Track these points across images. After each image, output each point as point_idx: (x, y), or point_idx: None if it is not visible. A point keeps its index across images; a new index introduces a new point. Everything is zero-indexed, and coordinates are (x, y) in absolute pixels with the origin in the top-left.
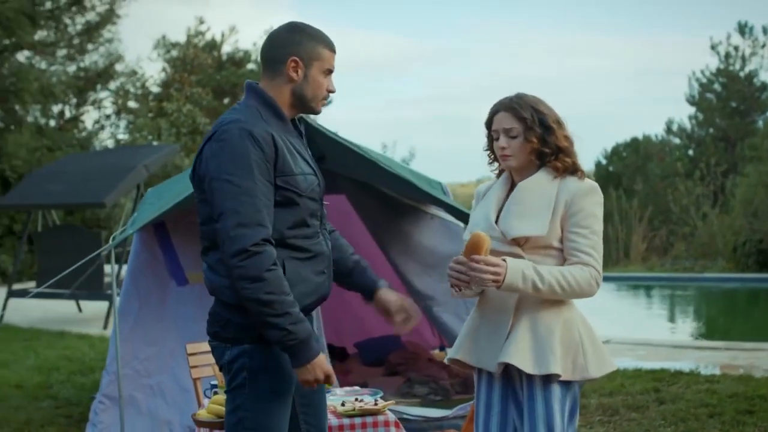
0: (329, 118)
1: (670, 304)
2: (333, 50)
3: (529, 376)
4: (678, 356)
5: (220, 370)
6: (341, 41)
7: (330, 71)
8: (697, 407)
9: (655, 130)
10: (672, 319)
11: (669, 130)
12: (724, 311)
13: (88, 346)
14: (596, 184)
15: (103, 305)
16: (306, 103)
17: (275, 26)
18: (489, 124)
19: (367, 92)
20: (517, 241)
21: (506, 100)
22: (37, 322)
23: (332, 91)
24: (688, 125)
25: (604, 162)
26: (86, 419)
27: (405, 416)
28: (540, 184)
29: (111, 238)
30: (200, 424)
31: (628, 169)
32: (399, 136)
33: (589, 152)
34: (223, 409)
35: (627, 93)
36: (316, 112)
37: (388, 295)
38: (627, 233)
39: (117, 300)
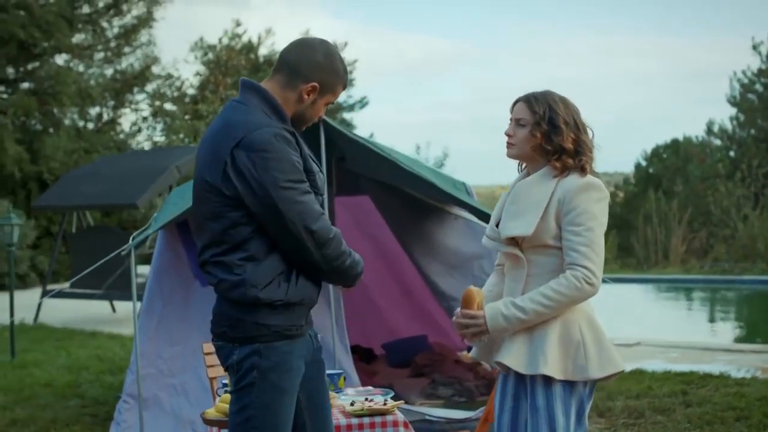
0: (367, 120)
1: (706, 307)
2: (345, 87)
3: (533, 376)
4: (709, 359)
5: (226, 370)
6: (380, 43)
7: (332, 103)
8: (724, 410)
9: (696, 131)
10: (708, 321)
11: (710, 131)
12: (763, 314)
13: (119, 346)
14: (596, 181)
15: None
16: (300, 123)
17: (312, 30)
18: (511, 112)
19: (406, 94)
20: (515, 241)
21: (530, 93)
22: (71, 322)
23: (321, 117)
24: (729, 126)
25: (644, 164)
26: (111, 418)
27: (427, 417)
28: (536, 183)
29: (131, 238)
30: (208, 422)
31: (668, 171)
32: (437, 138)
33: (628, 154)
34: None
35: (667, 94)
36: (299, 131)
37: None
38: (666, 235)
39: (137, 299)
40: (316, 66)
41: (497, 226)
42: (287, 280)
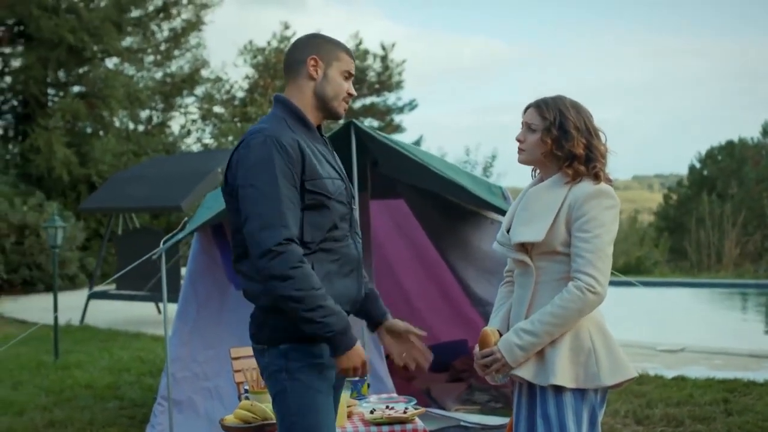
0: (419, 122)
1: (758, 313)
2: (351, 56)
3: (543, 385)
4: (756, 366)
5: (261, 375)
6: (435, 46)
7: (350, 74)
8: (765, 420)
9: (752, 132)
10: (758, 328)
11: (765, 133)
12: None
13: (161, 348)
14: (608, 188)
15: None
16: (327, 103)
17: (361, 32)
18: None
19: (459, 96)
20: (524, 248)
21: (541, 98)
22: (116, 323)
23: (352, 94)
24: None
25: (698, 165)
26: (148, 420)
27: (462, 423)
28: (548, 189)
29: (162, 241)
30: (226, 428)
31: (723, 173)
32: (487, 141)
33: (683, 156)
34: (250, 414)
35: (723, 95)
36: (338, 115)
37: (398, 322)
38: (720, 238)
39: (167, 302)
40: (304, 45)
41: (508, 231)
42: None
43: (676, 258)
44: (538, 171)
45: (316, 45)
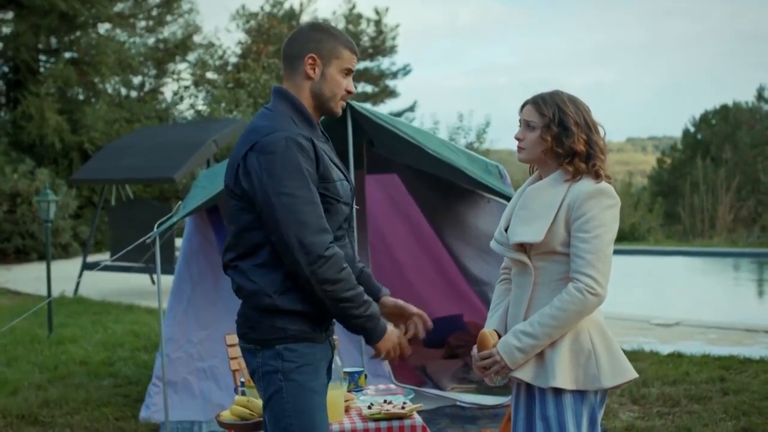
0: (413, 86)
1: (752, 283)
2: (353, 51)
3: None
4: (750, 341)
5: (251, 376)
6: (430, 8)
7: (349, 71)
8: (762, 400)
9: (746, 96)
10: (753, 298)
11: (760, 97)
12: None
13: (155, 321)
14: (608, 187)
15: None
16: (324, 103)
17: None
18: (520, 114)
19: (453, 59)
20: (522, 248)
21: (538, 94)
22: (110, 295)
23: (351, 92)
24: None
25: (692, 129)
26: (143, 399)
27: (458, 403)
28: (548, 188)
29: (156, 225)
30: (223, 425)
31: (717, 138)
32: (482, 103)
33: (677, 118)
34: (246, 410)
35: (718, 57)
36: (335, 113)
37: (394, 300)
38: (713, 203)
39: (164, 279)
40: (303, 40)
41: (506, 230)
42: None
43: (669, 222)
44: (536, 168)
45: (315, 40)
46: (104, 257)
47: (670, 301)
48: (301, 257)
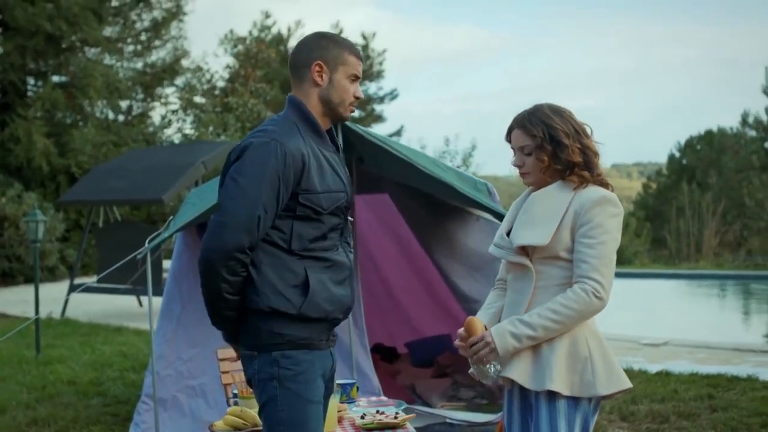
0: (400, 111)
1: (738, 304)
2: (359, 57)
3: (537, 391)
4: (738, 360)
5: (248, 382)
6: (418, 34)
7: (356, 77)
8: (750, 416)
9: (731, 122)
10: (739, 319)
11: (744, 123)
12: None
13: (143, 342)
14: (613, 196)
15: None
16: (333, 109)
17: (342, 21)
18: (509, 140)
19: (441, 85)
20: (525, 251)
21: (520, 116)
22: (97, 316)
23: (359, 97)
24: (764, 117)
25: (677, 155)
26: (131, 418)
27: (448, 420)
28: (552, 194)
29: (147, 241)
30: None
31: (702, 162)
32: (469, 129)
33: (663, 144)
34: (240, 420)
35: (702, 84)
36: (344, 118)
37: None
38: (699, 228)
39: (153, 300)
40: (310, 47)
41: (508, 235)
42: (303, 294)
43: (656, 247)
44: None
45: (321, 48)
46: (91, 280)
47: (659, 321)
48: (212, 240)
